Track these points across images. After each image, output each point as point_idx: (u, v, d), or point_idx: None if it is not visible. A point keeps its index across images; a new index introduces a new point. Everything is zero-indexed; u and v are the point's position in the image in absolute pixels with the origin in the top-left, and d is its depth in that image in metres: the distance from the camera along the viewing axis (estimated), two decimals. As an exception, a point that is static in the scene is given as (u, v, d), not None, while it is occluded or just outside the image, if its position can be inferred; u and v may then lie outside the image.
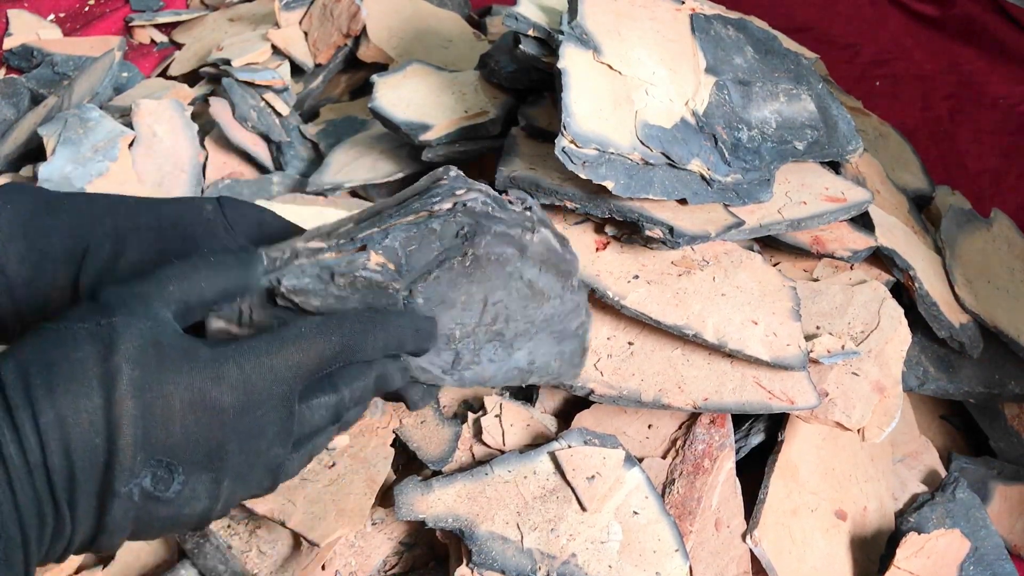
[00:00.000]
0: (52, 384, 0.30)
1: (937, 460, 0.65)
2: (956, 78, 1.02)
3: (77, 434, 0.30)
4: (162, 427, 0.31)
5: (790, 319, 0.58)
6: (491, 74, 0.72)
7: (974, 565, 0.56)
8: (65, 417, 0.30)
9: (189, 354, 0.32)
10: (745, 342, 0.56)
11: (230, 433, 0.33)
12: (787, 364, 0.55)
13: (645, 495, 0.53)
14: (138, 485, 0.31)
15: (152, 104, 0.75)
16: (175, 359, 0.32)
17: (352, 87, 0.93)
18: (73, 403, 0.30)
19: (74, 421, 0.30)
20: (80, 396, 0.30)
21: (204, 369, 0.32)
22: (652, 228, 0.57)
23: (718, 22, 0.68)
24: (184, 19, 1.03)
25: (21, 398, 0.29)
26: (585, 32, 0.61)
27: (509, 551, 0.50)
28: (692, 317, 0.57)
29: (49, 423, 0.29)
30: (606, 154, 0.57)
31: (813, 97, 0.68)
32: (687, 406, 0.56)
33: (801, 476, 0.57)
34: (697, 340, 0.56)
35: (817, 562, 0.55)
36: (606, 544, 0.51)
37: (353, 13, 0.87)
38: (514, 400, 0.59)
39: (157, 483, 0.32)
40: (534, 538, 0.51)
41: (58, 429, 0.30)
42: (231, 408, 0.32)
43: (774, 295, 0.59)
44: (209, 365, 0.32)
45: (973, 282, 0.70)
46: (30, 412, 0.29)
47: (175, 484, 0.32)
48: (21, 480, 0.29)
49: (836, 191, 0.66)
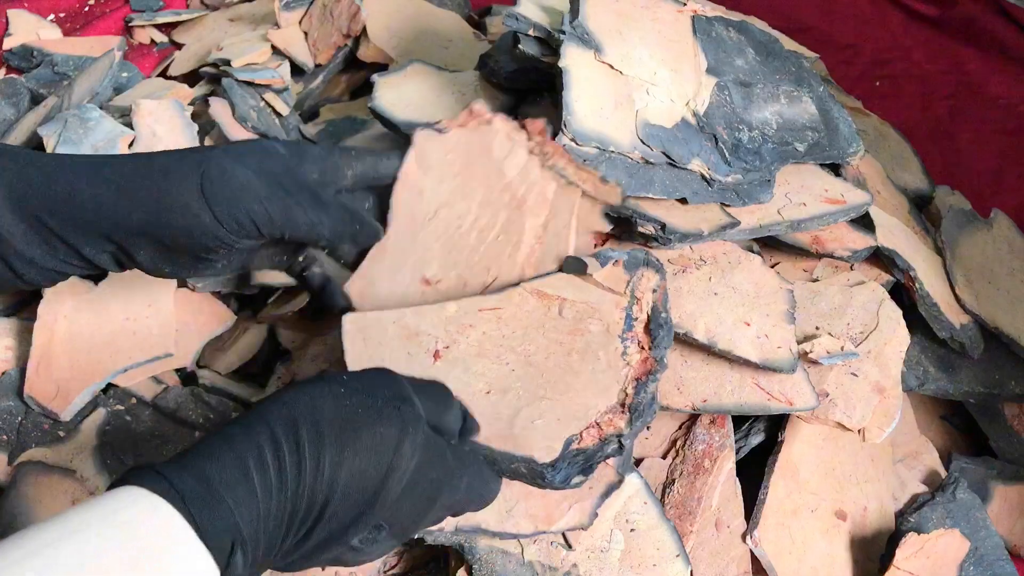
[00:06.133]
0: (357, 450, 0.35)
1: (937, 460, 0.65)
2: (956, 78, 1.02)
3: (355, 492, 0.35)
4: (409, 504, 0.37)
5: (783, 322, 0.58)
6: (491, 74, 0.72)
7: (974, 565, 0.56)
8: (353, 476, 0.35)
9: (442, 451, 0.39)
10: (735, 343, 0.56)
11: (427, 520, 0.40)
12: (776, 367, 0.55)
13: (644, 501, 0.53)
14: (358, 537, 0.37)
15: (152, 104, 0.75)
16: (437, 454, 0.39)
17: (352, 87, 0.93)
18: (363, 469, 0.35)
19: (358, 483, 0.35)
20: (372, 464, 0.35)
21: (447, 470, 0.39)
22: (644, 225, 0.57)
23: (719, 24, 0.68)
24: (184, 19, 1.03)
25: (331, 463, 0.34)
26: (587, 32, 0.61)
27: (510, 565, 0.50)
28: (684, 316, 0.57)
29: (344, 476, 0.35)
30: (606, 152, 0.57)
31: (814, 99, 0.68)
32: (686, 407, 0.56)
33: (801, 476, 0.57)
34: (687, 339, 0.56)
35: (817, 562, 0.55)
36: (607, 553, 0.51)
37: (353, 13, 0.87)
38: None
39: (365, 540, 0.37)
40: (534, 551, 0.51)
41: (343, 486, 0.35)
42: (440, 508, 0.40)
43: (769, 297, 0.59)
44: (449, 465, 0.39)
45: (973, 282, 0.70)
46: (334, 467, 0.34)
47: (376, 544, 0.38)
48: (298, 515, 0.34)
49: (836, 193, 0.66)
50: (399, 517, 0.37)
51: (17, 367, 0.62)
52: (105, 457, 0.58)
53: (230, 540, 0.31)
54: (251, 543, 0.32)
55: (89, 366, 0.60)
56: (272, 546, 0.34)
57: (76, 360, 0.60)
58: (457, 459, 0.40)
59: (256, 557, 0.33)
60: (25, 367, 0.60)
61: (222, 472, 0.32)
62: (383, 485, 0.36)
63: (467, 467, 0.41)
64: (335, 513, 0.35)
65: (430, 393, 0.41)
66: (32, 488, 0.55)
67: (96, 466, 0.57)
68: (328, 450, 0.34)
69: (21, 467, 0.56)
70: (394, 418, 0.36)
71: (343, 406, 0.36)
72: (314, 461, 0.34)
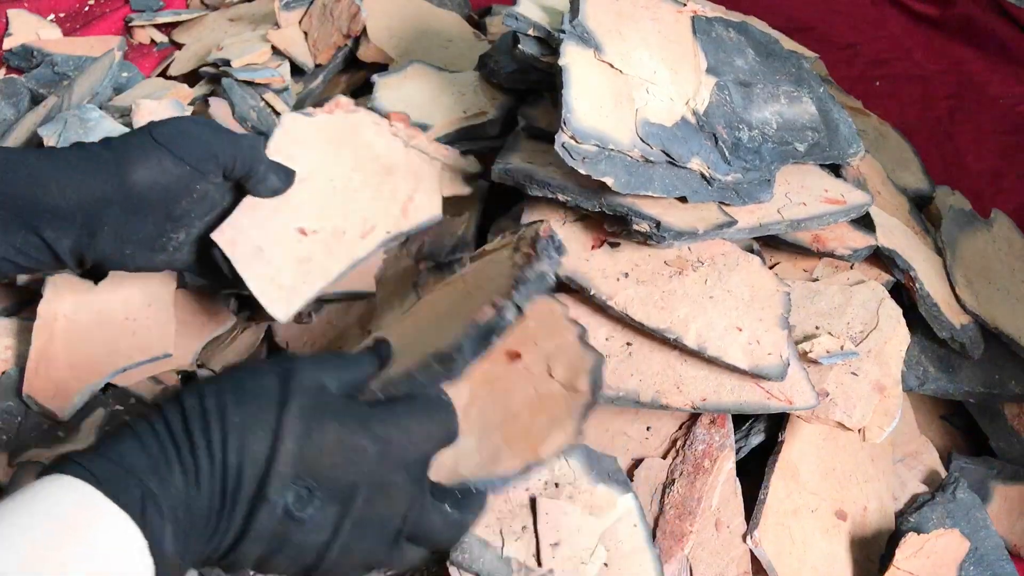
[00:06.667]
0: (241, 400, 0.36)
1: (937, 460, 0.65)
2: (956, 78, 1.02)
3: (251, 440, 0.36)
4: (314, 453, 0.37)
5: (777, 327, 0.58)
6: (491, 74, 0.72)
7: (974, 565, 0.56)
8: (246, 424, 0.36)
9: (347, 403, 0.39)
10: (725, 349, 0.56)
11: (364, 478, 0.38)
12: (765, 373, 0.55)
13: (635, 523, 0.53)
14: (283, 499, 0.36)
15: (152, 104, 0.75)
16: (335, 402, 0.39)
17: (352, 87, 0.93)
18: (254, 414, 0.36)
19: (252, 429, 0.36)
20: (260, 410, 0.36)
21: (356, 416, 0.38)
22: (640, 223, 0.57)
23: (719, 24, 0.68)
24: (184, 19, 1.03)
25: (215, 410, 0.36)
26: (587, 31, 0.61)
27: (488, 556, 0.50)
28: (676, 321, 0.57)
29: (234, 427, 0.35)
30: (606, 151, 0.57)
31: (814, 100, 0.68)
32: (685, 406, 0.56)
33: (801, 476, 0.57)
34: (678, 344, 0.56)
35: (817, 562, 0.55)
36: (586, 565, 0.51)
37: (353, 13, 0.87)
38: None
39: (297, 502, 0.36)
40: (515, 547, 0.51)
41: (239, 433, 0.35)
42: (371, 456, 0.38)
43: (764, 301, 0.59)
44: (361, 415, 0.39)
45: (974, 283, 0.70)
46: (220, 420, 0.36)
47: (310, 508, 0.37)
48: (205, 476, 0.35)
49: (836, 193, 0.66)
50: (324, 476, 0.37)
51: (16, 367, 0.62)
52: (104, 457, 0.58)
53: (153, 511, 0.33)
54: (174, 521, 0.34)
55: (88, 366, 0.60)
56: (205, 535, 0.35)
57: (75, 360, 0.60)
58: (387, 414, 0.40)
59: (189, 543, 0.34)
60: (24, 367, 0.60)
61: (131, 455, 0.34)
62: (273, 451, 0.36)
63: (410, 414, 0.40)
64: (240, 488, 0.36)
65: (328, 359, 0.42)
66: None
67: (95, 466, 0.57)
68: (215, 435, 0.35)
69: (21, 467, 0.56)
70: (274, 389, 0.37)
71: (225, 391, 0.37)
72: (204, 443, 0.35)
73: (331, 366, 0.41)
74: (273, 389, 0.37)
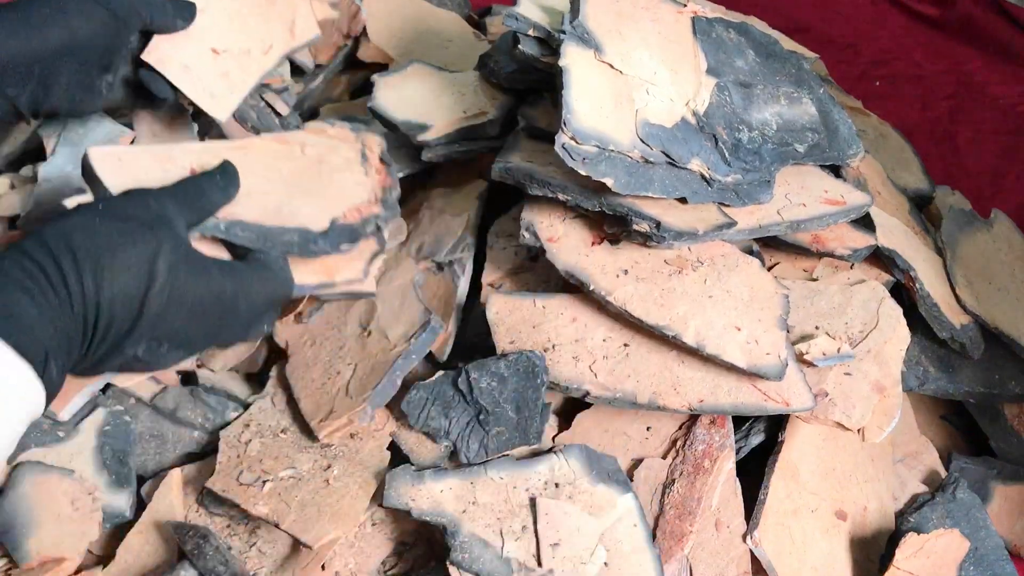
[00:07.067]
0: (114, 246, 0.40)
1: (937, 460, 0.65)
2: (956, 78, 1.02)
3: (120, 305, 0.40)
4: (174, 308, 0.42)
5: (775, 327, 0.58)
6: (491, 74, 0.72)
7: (974, 565, 0.56)
8: (124, 269, 0.40)
9: (203, 260, 0.44)
10: (723, 347, 0.56)
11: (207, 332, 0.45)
12: (763, 373, 0.55)
13: (634, 523, 0.53)
14: (135, 350, 0.41)
15: (152, 104, 0.75)
16: (192, 255, 0.43)
17: (352, 87, 0.93)
18: (127, 280, 0.40)
19: (123, 295, 0.40)
20: (132, 275, 0.40)
21: (210, 274, 0.44)
22: (640, 223, 0.57)
23: (720, 25, 0.68)
24: (184, 19, 1.03)
25: (86, 251, 0.39)
26: (587, 31, 0.61)
27: (487, 556, 0.50)
28: (675, 318, 0.57)
29: (109, 269, 0.39)
30: (606, 151, 0.57)
31: (814, 101, 0.68)
32: (682, 408, 0.56)
33: (801, 476, 0.57)
34: (676, 341, 0.56)
35: (817, 562, 0.55)
36: (586, 565, 0.51)
37: (353, 13, 0.87)
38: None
39: (147, 352, 0.42)
40: (514, 547, 0.51)
41: (111, 274, 0.39)
42: (216, 313, 0.44)
43: (763, 302, 0.59)
44: (215, 275, 0.44)
45: (974, 283, 0.70)
46: (93, 263, 0.39)
47: (161, 355, 0.43)
48: (78, 305, 0.39)
49: (836, 194, 0.66)
50: (176, 331, 0.42)
51: (17, 367, 0.62)
52: (104, 457, 0.58)
53: (43, 352, 0.37)
54: (56, 356, 0.38)
55: (88, 366, 0.60)
56: (70, 360, 0.40)
57: (75, 360, 0.60)
58: (229, 271, 0.45)
59: (64, 368, 0.39)
60: (24, 367, 0.60)
61: (17, 305, 0.37)
62: (144, 302, 0.40)
63: (250, 272, 0.46)
64: (107, 330, 0.40)
65: (186, 192, 0.46)
66: (31, 488, 0.55)
67: (95, 466, 0.57)
68: (87, 276, 0.39)
69: (20, 467, 0.56)
70: (148, 238, 0.41)
71: (98, 232, 0.40)
72: (78, 287, 0.38)
73: (186, 203, 0.45)
74: (144, 262, 0.41)
